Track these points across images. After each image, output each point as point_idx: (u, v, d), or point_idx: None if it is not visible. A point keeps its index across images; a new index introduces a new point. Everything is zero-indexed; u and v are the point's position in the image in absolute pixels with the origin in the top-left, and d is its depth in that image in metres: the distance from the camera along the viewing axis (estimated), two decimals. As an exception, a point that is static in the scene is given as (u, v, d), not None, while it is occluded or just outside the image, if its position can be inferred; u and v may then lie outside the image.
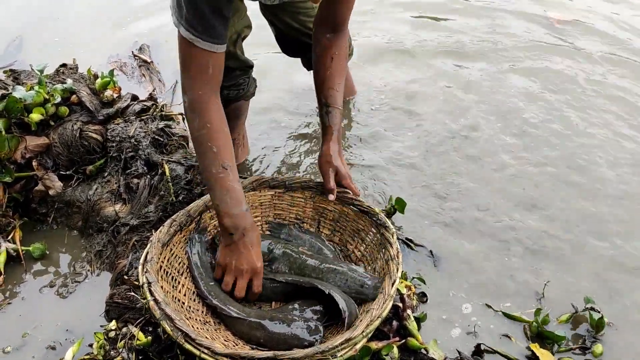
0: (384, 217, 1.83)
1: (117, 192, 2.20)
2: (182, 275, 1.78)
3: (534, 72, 3.16)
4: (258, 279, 1.74)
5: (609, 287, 1.98)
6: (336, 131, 1.95)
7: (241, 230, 1.70)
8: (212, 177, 1.69)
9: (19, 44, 3.47)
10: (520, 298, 1.95)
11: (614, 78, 3.10)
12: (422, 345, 1.70)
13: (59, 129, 2.27)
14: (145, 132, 2.30)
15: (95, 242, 2.15)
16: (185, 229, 1.83)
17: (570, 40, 3.47)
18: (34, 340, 1.85)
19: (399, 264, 1.67)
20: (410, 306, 1.79)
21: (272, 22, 2.34)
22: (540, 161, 2.54)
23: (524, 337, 1.82)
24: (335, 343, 1.44)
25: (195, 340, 1.43)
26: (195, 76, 1.66)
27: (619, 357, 1.77)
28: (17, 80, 2.46)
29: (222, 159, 1.67)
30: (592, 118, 2.79)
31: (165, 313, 1.49)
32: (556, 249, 2.13)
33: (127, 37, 3.42)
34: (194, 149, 1.78)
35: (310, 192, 1.99)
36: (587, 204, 2.32)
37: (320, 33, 1.96)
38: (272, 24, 2.37)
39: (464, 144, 2.65)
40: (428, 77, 3.14)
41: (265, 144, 2.66)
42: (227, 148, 1.70)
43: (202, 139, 1.68)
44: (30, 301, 1.99)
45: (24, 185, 2.24)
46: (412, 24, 3.65)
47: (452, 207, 2.32)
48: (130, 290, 1.82)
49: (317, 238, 1.97)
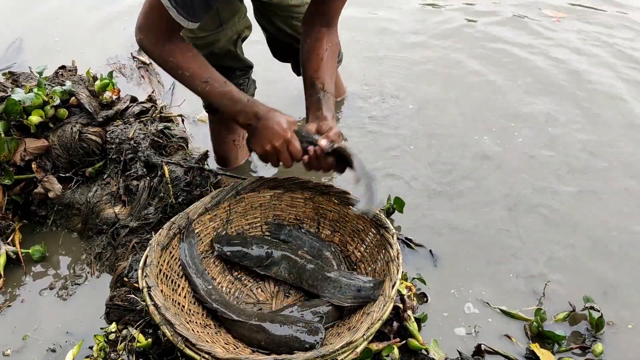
0: (384, 218, 1.82)
1: (116, 194, 2.20)
2: (182, 278, 1.78)
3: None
4: (292, 145, 1.74)
5: (610, 287, 1.98)
6: (334, 112, 1.88)
7: (254, 115, 1.74)
8: (200, 93, 1.78)
9: (19, 45, 3.47)
10: (521, 297, 1.95)
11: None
12: (422, 346, 1.70)
13: (58, 131, 2.27)
14: (144, 134, 2.29)
15: (95, 244, 2.15)
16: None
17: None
18: (34, 342, 1.85)
19: (399, 266, 1.67)
20: (410, 307, 1.79)
21: (264, 26, 2.34)
22: (541, 154, 2.56)
23: (525, 337, 1.82)
24: (336, 347, 1.43)
25: (195, 345, 1.42)
26: (155, 31, 1.67)
27: (620, 357, 1.76)
28: (16, 82, 2.46)
29: (199, 77, 1.72)
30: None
31: (165, 318, 1.48)
32: (559, 250, 2.12)
33: (126, 38, 3.42)
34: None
35: (310, 193, 1.99)
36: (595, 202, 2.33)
37: (312, 27, 1.93)
38: (264, 29, 2.36)
39: (464, 143, 2.66)
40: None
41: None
42: (202, 66, 1.74)
43: (171, 70, 1.74)
44: (30, 303, 1.99)
45: (23, 188, 2.24)
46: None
47: (450, 205, 2.32)
48: (131, 293, 1.81)
49: (317, 239, 1.96)
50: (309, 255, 1.89)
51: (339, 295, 1.71)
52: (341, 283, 1.73)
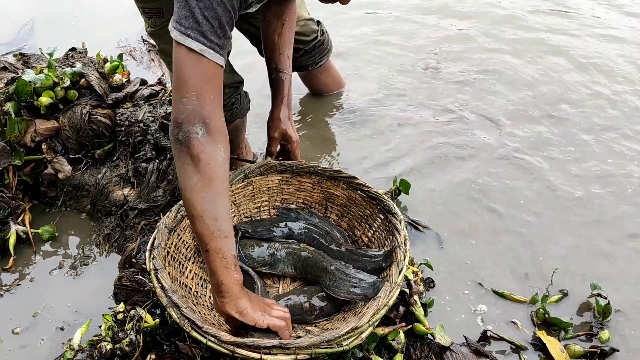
0: (393, 203, 1.82)
1: (125, 176, 2.21)
2: (189, 260, 1.79)
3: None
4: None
5: (619, 273, 1.97)
6: (286, 95, 1.98)
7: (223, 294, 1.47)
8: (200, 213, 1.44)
9: (31, 28, 3.48)
10: (528, 283, 1.94)
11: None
12: (428, 331, 1.70)
13: (68, 113, 2.28)
14: (154, 117, 2.30)
15: (103, 225, 2.17)
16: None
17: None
18: (44, 320, 1.87)
19: (407, 252, 1.66)
20: (417, 292, 1.79)
21: (246, 30, 2.30)
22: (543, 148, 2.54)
23: (531, 324, 1.82)
24: (342, 332, 1.43)
25: (201, 328, 1.43)
26: (214, 97, 1.42)
27: (627, 343, 1.76)
28: (27, 63, 2.47)
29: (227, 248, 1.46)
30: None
31: (172, 300, 1.49)
32: (566, 235, 2.11)
33: (136, 22, 3.41)
34: (190, 211, 1.45)
35: (318, 177, 1.99)
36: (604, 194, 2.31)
37: (271, 1, 1.93)
38: (246, 33, 2.32)
39: (467, 126, 2.66)
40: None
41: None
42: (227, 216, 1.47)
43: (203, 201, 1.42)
44: (40, 283, 2.01)
45: (33, 169, 2.26)
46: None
47: (458, 190, 2.32)
48: (139, 274, 1.83)
49: (326, 222, 1.97)
50: (316, 239, 1.90)
51: (333, 287, 1.71)
52: (335, 277, 1.72)
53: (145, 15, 2.02)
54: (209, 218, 1.41)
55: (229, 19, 1.43)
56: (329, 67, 2.74)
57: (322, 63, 2.61)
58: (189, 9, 1.36)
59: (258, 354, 1.37)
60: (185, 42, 1.37)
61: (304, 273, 1.82)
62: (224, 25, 1.41)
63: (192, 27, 1.37)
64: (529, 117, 2.70)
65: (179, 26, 1.38)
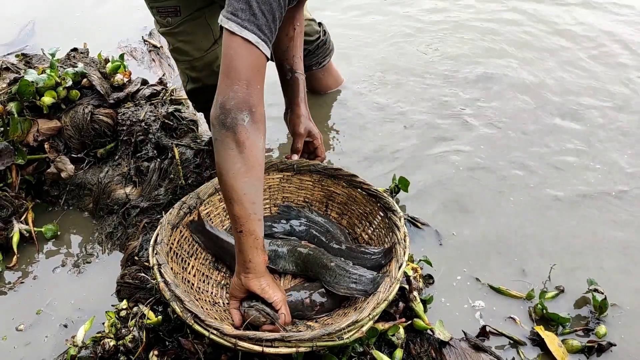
0: (392, 201, 1.84)
1: (127, 175, 2.23)
2: (191, 256, 1.81)
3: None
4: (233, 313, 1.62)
5: (615, 271, 1.99)
6: (304, 94, 1.99)
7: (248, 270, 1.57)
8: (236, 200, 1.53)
9: (32, 28, 3.49)
10: (527, 279, 1.96)
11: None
12: (428, 326, 1.72)
13: (70, 112, 2.30)
14: (155, 116, 2.32)
15: (106, 223, 2.18)
16: (195, 212, 1.85)
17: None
18: (47, 318, 1.89)
19: (406, 248, 1.68)
20: (416, 288, 1.81)
21: None
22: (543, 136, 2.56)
23: (529, 319, 1.84)
24: (342, 325, 1.45)
25: (204, 322, 1.45)
26: (261, 87, 1.49)
27: (624, 338, 1.78)
28: (29, 64, 2.49)
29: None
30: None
31: (175, 294, 1.51)
32: (563, 231, 2.13)
33: (137, 22, 3.44)
34: (229, 197, 1.52)
35: (319, 176, 2.01)
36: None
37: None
38: None
39: (467, 124, 2.67)
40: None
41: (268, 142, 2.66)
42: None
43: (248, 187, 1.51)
44: (43, 280, 2.03)
45: (36, 168, 2.27)
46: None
47: (457, 188, 2.33)
48: (141, 271, 1.85)
49: (326, 220, 1.99)
50: (316, 237, 1.92)
51: (332, 283, 1.71)
52: (335, 273, 1.72)
53: (159, 15, 2.03)
54: (247, 202, 1.50)
55: (280, 15, 1.50)
56: (330, 67, 2.76)
57: (325, 63, 2.63)
58: (246, 2, 1.43)
59: (260, 347, 1.40)
60: (241, 33, 1.44)
61: (304, 270, 1.84)
62: (276, 20, 1.48)
63: (249, 19, 1.43)
64: (529, 116, 2.72)
65: (235, 18, 1.44)
